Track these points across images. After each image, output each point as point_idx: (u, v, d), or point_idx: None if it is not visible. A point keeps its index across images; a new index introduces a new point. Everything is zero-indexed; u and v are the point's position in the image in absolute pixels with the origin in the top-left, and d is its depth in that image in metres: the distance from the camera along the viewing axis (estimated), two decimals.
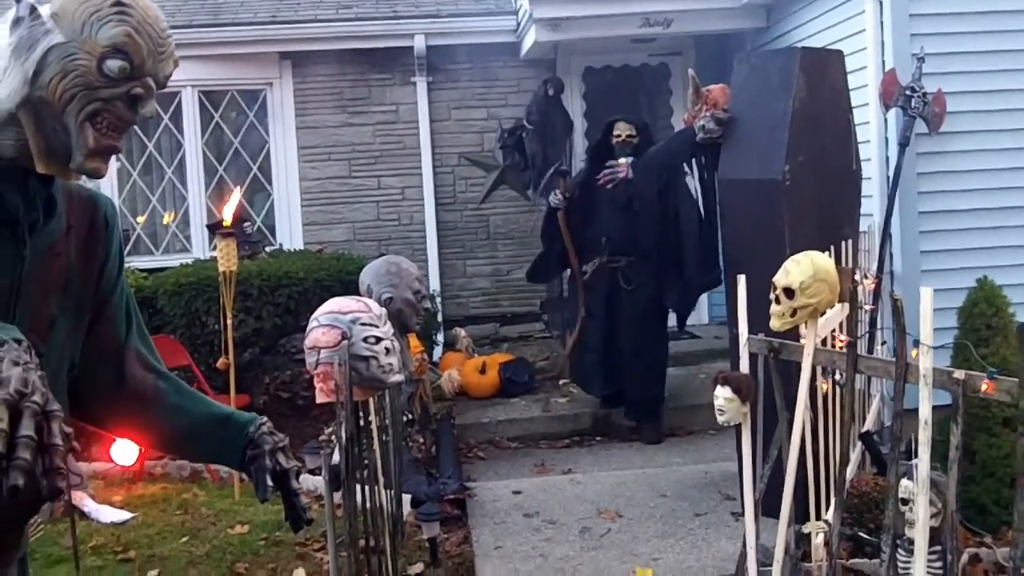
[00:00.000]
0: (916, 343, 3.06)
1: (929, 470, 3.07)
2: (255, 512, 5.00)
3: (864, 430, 4.83)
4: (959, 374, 2.93)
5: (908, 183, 5.64)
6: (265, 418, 1.99)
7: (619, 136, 6.07)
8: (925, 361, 3.01)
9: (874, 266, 5.44)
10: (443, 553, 4.50)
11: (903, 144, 5.46)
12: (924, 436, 3.05)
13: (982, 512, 4.58)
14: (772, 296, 3.47)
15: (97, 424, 1.99)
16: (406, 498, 4.82)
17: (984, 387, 2.85)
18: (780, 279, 3.45)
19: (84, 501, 4.98)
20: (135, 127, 1.66)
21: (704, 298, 8.38)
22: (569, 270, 6.49)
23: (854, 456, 4.79)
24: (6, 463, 1.13)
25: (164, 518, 5.00)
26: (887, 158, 5.76)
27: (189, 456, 2.29)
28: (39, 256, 1.65)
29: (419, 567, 4.35)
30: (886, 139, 5.79)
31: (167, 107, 8.11)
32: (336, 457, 2.53)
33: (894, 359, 3.19)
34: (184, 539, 4.70)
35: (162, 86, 1.66)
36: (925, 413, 3.04)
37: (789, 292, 3.42)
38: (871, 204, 5.77)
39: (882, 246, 5.49)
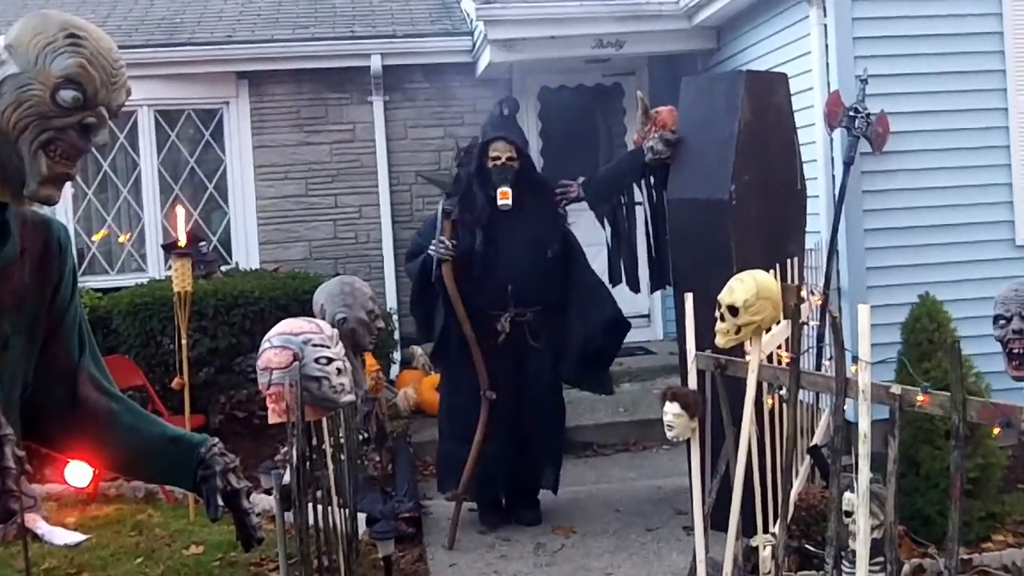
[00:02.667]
0: (855, 359, 3.16)
1: (869, 482, 3.17)
2: (210, 533, 4.99)
3: (813, 444, 4.94)
4: (896, 389, 3.03)
5: (854, 201, 5.79)
6: (216, 439, 2.02)
7: (497, 158, 4.91)
8: (864, 376, 3.10)
9: (821, 283, 5.57)
10: (398, 571, 4.53)
11: (848, 163, 5.60)
12: (864, 449, 3.15)
13: (927, 523, 4.69)
14: (717, 314, 3.57)
15: (50, 445, 2.01)
16: (361, 516, 4.84)
17: (920, 400, 2.95)
18: (724, 297, 3.54)
19: (37, 523, 4.95)
20: (91, 152, 1.70)
21: (659, 314, 8.51)
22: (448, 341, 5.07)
23: (803, 470, 4.89)
24: None
25: (118, 539, 4.97)
26: (833, 177, 5.90)
27: (141, 477, 2.32)
28: None
29: None
30: (832, 158, 5.94)
31: (123, 126, 8.09)
32: (287, 477, 2.57)
33: (835, 376, 3.29)
34: (138, 560, 4.68)
35: (114, 115, 1.70)
36: (864, 427, 3.13)
37: (733, 310, 3.51)
38: (818, 222, 5.92)
39: (829, 263, 5.62)
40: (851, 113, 5.58)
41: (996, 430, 2.91)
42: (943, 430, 4.69)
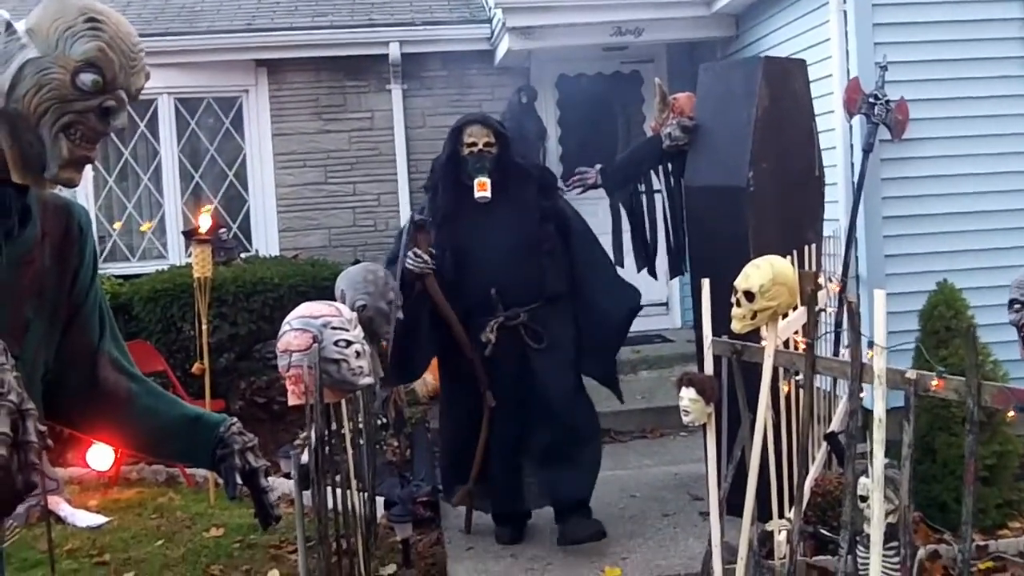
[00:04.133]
0: (871, 344, 3.16)
1: (884, 467, 3.17)
2: (230, 516, 5.06)
3: (829, 431, 4.94)
4: (911, 374, 3.03)
5: (873, 188, 5.77)
6: (235, 419, 2.05)
7: (473, 144, 4.33)
8: (879, 362, 3.11)
9: (839, 270, 5.56)
10: (416, 554, 4.58)
11: (867, 150, 5.58)
12: (879, 435, 3.14)
13: (943, 510, 4.69)
14: (733, 299, 3.57)
15: (71, 425, 2.05)
16: (380, 500, 4.89)
17: (935, 385, 2.95)
18: (740, 283, 3.54)
19: (60, 505, 5.02)
20: (111, 135, 1.73)
21: (677, 302, 8.51)
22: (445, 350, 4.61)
23: (819, 456, 4.89)
24: None
25: (139, 522, 5.05)
26: (852, 164, 5.88)
27: (161, 456, 2.36)
28: (14, 263, 1.71)
29: (392, 568, 4.42)
30: (851, 145, 5.92)
31: (143, 114, 8.15)
32: (305, 457, 2.61)
33: (851, 360, 3.29)
34: (159, 542, 4.75)
35: (134, 98, 1.73)
36: (879, 412, 3.13)
37: (749, 295, 3.52)
38: (837, 209, 5.90)
39: (847, 250, 5.60)
40: (870, 100, 5.56)
41: (1011, 414, 2.91)
42: (960, 417, 4.68)
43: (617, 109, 8.96)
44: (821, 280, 4.89)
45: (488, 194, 4.26)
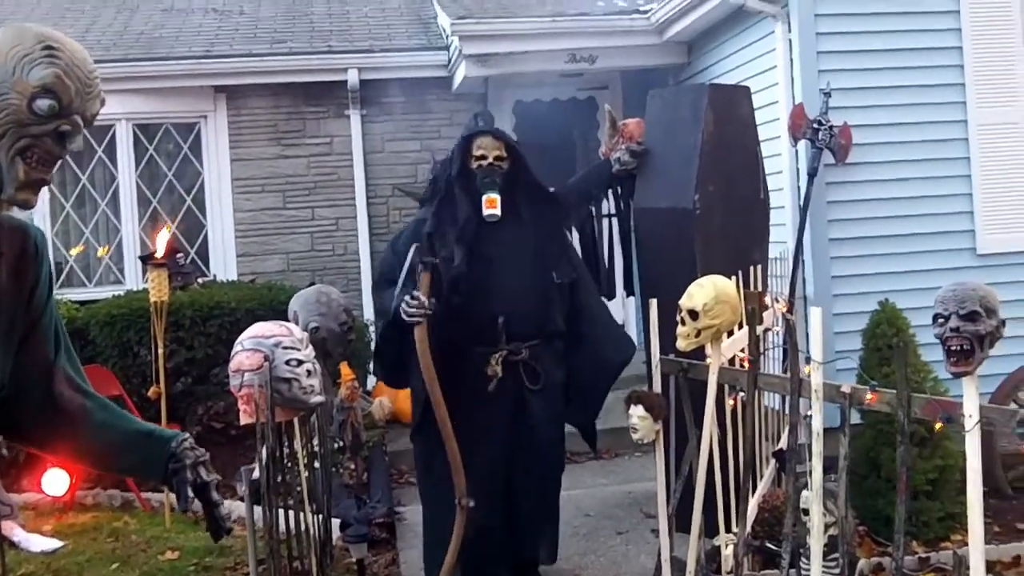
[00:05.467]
0: (808, 360, 3.28)
1: (822, 479, 3.28)
2: (186, 539, 5.07)
3: (778, 448, 5.05)
4: (846, 388, 3.15)
5: (819, 211, 5.93)
6: (187, 434, 2.11)
7: (483, 158, 3.98)
8: (816, 376, 3.22)
9: (787, 290, 5.70)
10: (371, 575, 4.61)
11: (812, 174, 5.74)
12: (816, 448, 3.26)
13: (888, 523, 4.77)
14: (678, 318, 3.68)
15: (26, 442, 2.09)
16: (336, 522, 4.92)
17: (869, 398, 3.07)
18: (685, 302, 3.65)
19: (14, 531, 4.99)
20: (68, 160, 1.79)
21: (633, 324, 8.62)
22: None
23: (767, 473, 5.01)
24: None
25: (95, 546, 5.04)
26: (798, 188, 6.04)
27: (115, 470, 2.40)
28: None
29: None
30: (797, 170, 6.08)
31: (101, 140, 8.16)
32: (257, 473, 2.66)
33: (790, 376, 3.41)
34: (114, 566, 4.75)
35: (89, 123, 1.79)
36: (817, 425, 3.24)
37: (693, 314, 3.62)
38: (784, 232, 6.06)
39: (794, 271, 5.75)
40: (815, 125, 5.73)
41: (938, 425, 3.04)
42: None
43: (573, 134, 9.10)
44: (768, 300, 5.02)
45: (497, 212, 3.87)
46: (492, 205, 3.90)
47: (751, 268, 4.70)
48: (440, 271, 3.78)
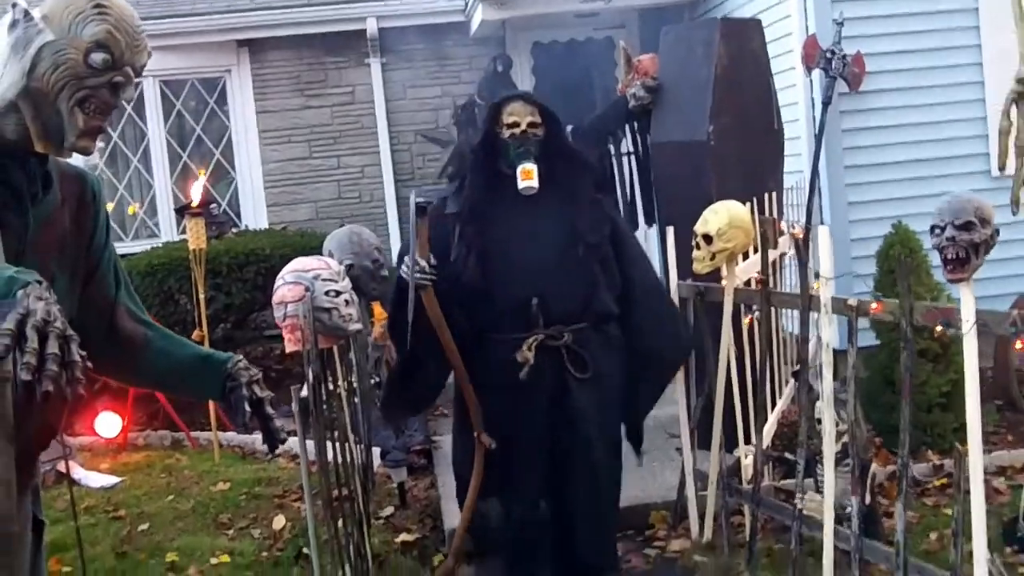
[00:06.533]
0: (816, 275, 3.45)
1: (833, 387, 3.46)
2: (235, 472, 5.36)
3: (796, 368, 5.24)
4: (852, 301, 3.33)
5: (834, 139, 6.06)
6: (240, 356, 2.32)
7: (515, 124, 3.46)
8: (825, 292, 3.40)
9: (803, 218, 5.85)
10: (411, 497, 4.88)
11: (826, 103, 5.86)
12: (827, 358, 3.44)
13: None
14: (693, 243, 3.86)
15: (96, 370, 2.31)
16: (377, 451, 5.18)
17: (873, 308, 3.24)
18: (699, 227, 3.84)
19: (74, 469, 5.30)
20: (119, 107, 1.98)
21: (656, 256, 8.78)
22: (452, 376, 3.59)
23: (787, 391, 5.20)
24: (39, 374, 1.44)
25: (150, 481, 5.34)
26: (813, 117, 6.16)
27: (176, 391, 2.62)
28: (39, 224, 1.95)
29: (390, 510, 4.72)
30: (812, 100, 6.19)
31: (129, 98, 8.35)
32: (304, 391, 2.89)
33: (800, 293, 3.59)
34: (170, 498, 5.05)
35: (139, 74, 1.98)
36: (827, 337, 3.43)
37: (708, 238, 3.81)
38: (801, 161, 6.19)
39: (810, 198, 5.89)
40: (827, 55, 5.84)
41: (939, 328, 3.21)
42: (918, 350, 4.98)
43: (592, 74, 9.19)
44: (783, 226, 5.18)
45: (535, 184, 3.39)
46: (528, 177, 3.41)
47: (766, 195, 4.85)
48: (437, 216, 3.37)
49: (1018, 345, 3.01)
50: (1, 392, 1.44)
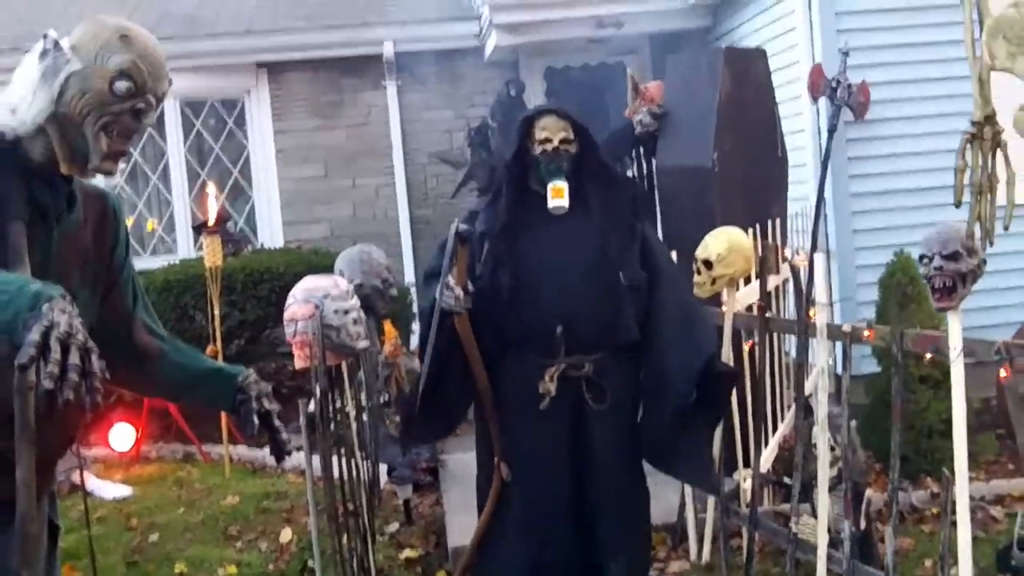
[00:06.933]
0: (812, 302, 3.54)
1: (827, 412, 3.55)
2: (245, 486, 5.47)
3: (807, 396, 5.32)
4: (846, 327, 3.42)
5: (840, 167, 6.15)
6: (251, 370, 2.43)
7: (547, 140, 3.29)
8: (820, 318, 3.49)
9: (808, 243, 5.93)
10: (417, 514, 4.97)
11: (831, 131, 5.96)
12: (822, 382, 3.53)
13: (903, 461, 5.00)
14: (694, 268, 3.95)
15: (113, 381, 2.41)
16: (384, 468, 5.28)
17: (866, 335, 3.33)
18: (700, 252, 3.93)
19: (88, 479, 5.42)
20: (141, 132, 2.08)
21: None
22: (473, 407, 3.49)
23: (788, 416, 5.27)
24: (60, 384, 1.54)
25: (161, 493, 5.46)
26: (820, 145, 6.25)
27: (189, 402, 2.72)
28: (63, 240, 2.06)
29: (395, 526, 4.82)
30: (818, 128, 6.29)
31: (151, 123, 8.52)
32: (312, 407, 2.99)
33: (797, 319, 3.67)
34: (180, 510, 5.16)
35: (160, 102, 2.10)
36: (821, 362, 3.52)
37: (708, 263, 3.90)
38: (807, 188, 6.28)
39: (815, 225, 5.97)
40: (833, 84, 5.93)
41: (928, 356, 3.29)
42: (918, 376, 5.05)
43: (604, 98, 9.32)
44: (788, 253, 5.26)
45: (565, 203, 3.22)
46: (559, 195, 3.24)
47: (769, 221, 4.94)
48: (476, 245, 3.28)
49: (1003, 373, 3.05)
50: (25, 400, 1.53)
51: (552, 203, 3.24)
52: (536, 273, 3.29)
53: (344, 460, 3.66)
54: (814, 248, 5.94)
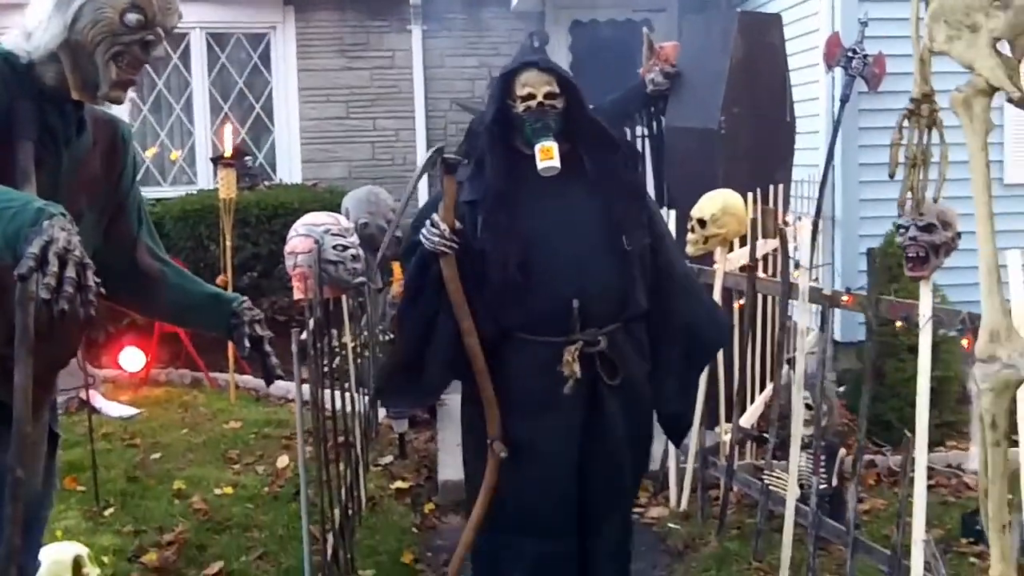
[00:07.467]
0: (797, 264, 3.65)
1: (804, 371, 3.67)
2: (248, 413, 5.66)
3: (790, 356, 5.43)
4: (827, 291, 3.52)
5: (850, 136, 6.19)
6: (246, 297, 2.55)
7: (529, 96, 2.94)
8: (802, 281, 3.59)
9: (812, 210, 6.01)
10: (411, 448, 5.15)
11: (843, 100, 6.00)
12: (801, 343, 3.65)
13: (888, 428, 5.18)
14: (688, 226, 4.06)
15: (115, 301, 2.54)
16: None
17: (844, 300, 3.43)
18: (695, 211, 4.04)
19: (95, 398, 5.61)
20: (146, 67, 2.19)
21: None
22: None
23: (778, 376, 5.39)
24: (56, 295, 1.66)
25: (166, 415, 5.66)
26: (833, 113, 6.29)
27: (186, 324, 2.86)
28: (72, 164, 2.18)
29: (389, 458, 4.99)
30: (833, 96, 6.32)
31: (176, 47, 8.63)
32: (304, 335, 3.13)
33: (781, 280, 3.78)
34: (184, 431, 5.36)
35: (168, 34, 2.20)
36: (803, 323, 3.63)
37: (702, 222, 4.01)
38: (818, 155, 6.33)
39: (821, 192, 6.04)
40: (849, 54, 5.96)
41: (899, 323, 3.40)
42: (906, 345, 5.16)
43: (629, 56, 9.33)
44: (790, 218, 5.35)
45: (557, 163, 2.90)
46: (548, 155, 2.92)
47: (771, 186, 5.02)
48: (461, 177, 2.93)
49: (964, 343, 3.15)
50: (24, 309, 1.66)
51: (541, 164, 2.90)
52: (543, 244, 2.95)
53: (338, 392, 3.82)
54: (818, 214, 6.02)
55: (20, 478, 1.71)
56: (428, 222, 2.84)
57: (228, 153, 5.74)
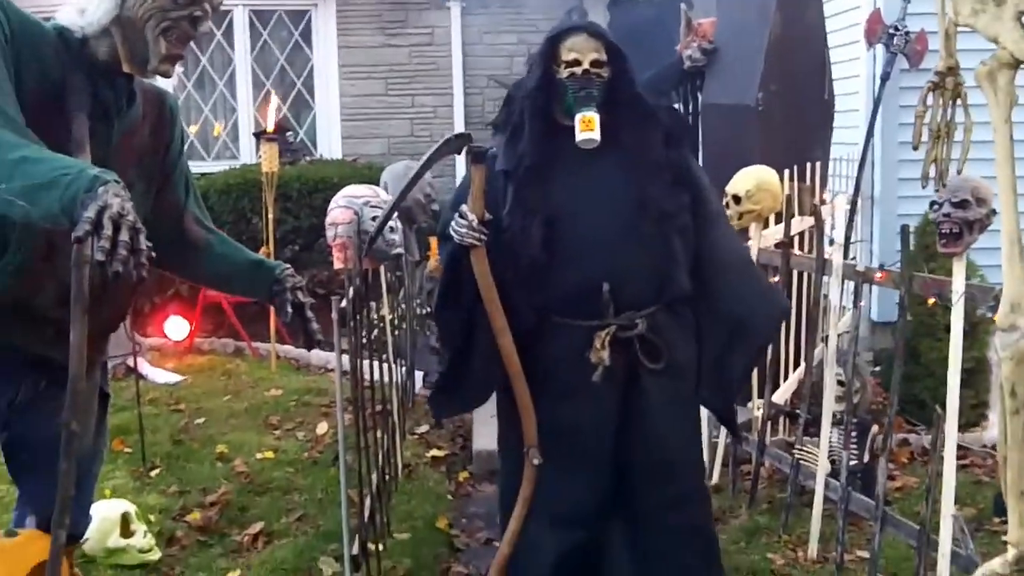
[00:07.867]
0: (831, 241, 3.68)
1: (836, 347, 3.69)
2: (288, 381, 5.79)
3: (826, 334, 5.44)
4: (861, 267, 3.54)
5: (891, 115, 6.16)
6: (288, 265, 2.64)
7: (575, 63, 2.73)
8: (836, 256, 3.62)
9: (851, 188, 6.00)
10: (447, 419, 5.23)
11: (884, 78, 5.97)
12: (833, 320, 3.67)
13: (922, 407, 5.18)
14: (723, 202, 4.09)
15: (163, 267, 2.64)
16: (419, 375, 5.55)
17: (878, 276, 3.46)
18: (729, 187, 4.06)
19: (142, 365, 5.76)
20: (191, 43, 2.27)
21: None
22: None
23: (815, 354, 5.40)
24: (111, 257, 1.74)
25: (209, 383, 5.81)
26: (874, 91, 6.26)
27: (230, 291, 2.95)
28: (123, 135, 2.27)
29: (425, 428, 5.08)
30: (874, 74, 6.29)
31: (219, 24, 8.74)
32: (344, 303, 3.21)
33: (815, 256, 3.80)
34: (226, 398, 5.50)
35: (216, 10, 2.28)
36: (835, 299, 3.65)
37: (736, 198, 4.03)
38: (857, 134, 6.31)
39: (859, 170, 6.03)
40: (891, 31, 5.93)
41: (931, 300, 3.42)
42: (943, 324, 5.14)
43: (666, 33, 9.29)
44: (827, 196, 5.35)
45: (596, 136, 2.71)
46: (589, 127, 2.71)
47: (808, 164, 5.02)
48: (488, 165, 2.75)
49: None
50: (80, 271, 1.75)
51: (581, 136, 2.71)
52: (573, 222, 2.79)
53: (376, 361, 3.90)
54: (857, 192, 6.01)
55: (75, 431, 1.82)
56: (456, 214, 2.73)
57: (271, 128, 5.85)
